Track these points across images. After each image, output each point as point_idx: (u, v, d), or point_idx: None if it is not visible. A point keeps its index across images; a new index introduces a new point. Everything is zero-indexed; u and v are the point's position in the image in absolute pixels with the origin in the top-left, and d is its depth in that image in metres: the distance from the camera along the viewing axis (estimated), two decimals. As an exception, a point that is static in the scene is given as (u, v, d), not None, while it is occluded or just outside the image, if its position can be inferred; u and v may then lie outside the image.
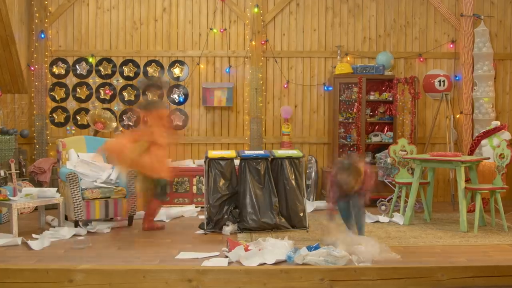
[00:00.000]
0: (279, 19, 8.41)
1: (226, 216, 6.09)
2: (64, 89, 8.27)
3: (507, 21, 8.48)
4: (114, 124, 8.00)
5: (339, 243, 4.84)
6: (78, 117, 8.28)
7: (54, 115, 8.27)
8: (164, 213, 6.91)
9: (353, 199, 5.35)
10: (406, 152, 7.12)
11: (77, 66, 8.27)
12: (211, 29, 8.34)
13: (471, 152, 7.31)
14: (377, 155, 7.59)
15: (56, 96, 8.26)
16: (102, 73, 8.28)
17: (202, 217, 6.57)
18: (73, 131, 8.26)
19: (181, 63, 8.33)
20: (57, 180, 7.08)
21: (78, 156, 6.74)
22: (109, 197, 6.38)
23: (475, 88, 8.20)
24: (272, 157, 6.25)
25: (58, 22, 8.30)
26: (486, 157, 6.74)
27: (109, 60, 8.28)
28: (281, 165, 6.22)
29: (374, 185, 5.67)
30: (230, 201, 6.17)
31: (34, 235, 5.75)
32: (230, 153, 6.33)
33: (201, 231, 6.10)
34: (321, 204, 7.64)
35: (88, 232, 6.08)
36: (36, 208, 6.89)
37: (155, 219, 6.37)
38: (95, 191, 6.31)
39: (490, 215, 6.59)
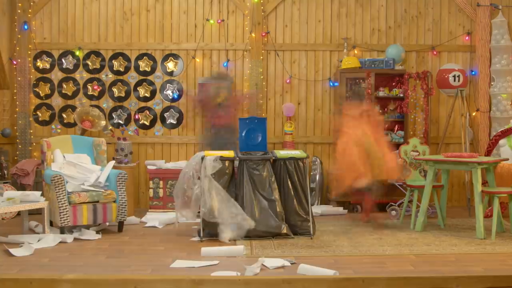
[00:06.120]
0: (281, 9, 8.41)
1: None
2: (49, 84, 8.27)
3: (527, 12, 8.48)
4: (103, 123, 7.99)
5: None
6: (64, 115, 8.27)
7: (38, 112, 8.27)
8: (157, 219, 6.92)
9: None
10: (418, 153, 7.13)
11: (63, 60, 8.27)
12: (207, 20, 8.34)
13: (488, 153, 7.31)
14: (387, 156, 7.59)
15: (40, 92, 8.26)
16: (90, 68, 8.27)
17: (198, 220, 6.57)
18: (59, 130, 8.26)
19: (175, 56, 8.33)
20: (41, 183, 7.08)
21: (64, 157, 6.74)
22: (97, 201, 6.38)
23: (492, 83, 8.19)
24: (273, 158, 6.25)
25: (43, 13, 8.29)
26: (504, 158, 6.74)
27: (97, 54, 8.28)
28: (283, 167, 6.21)
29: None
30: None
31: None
32: (228, 153, 6.32)
33: (197, 238, 6.10)
34: (326, 208, 7.64)
35: (75, 239, 6.08)
36: (18, 213, 6.88)
37: None
38: (83, 195, 6.31)
39: (509, 220, 6.59)
